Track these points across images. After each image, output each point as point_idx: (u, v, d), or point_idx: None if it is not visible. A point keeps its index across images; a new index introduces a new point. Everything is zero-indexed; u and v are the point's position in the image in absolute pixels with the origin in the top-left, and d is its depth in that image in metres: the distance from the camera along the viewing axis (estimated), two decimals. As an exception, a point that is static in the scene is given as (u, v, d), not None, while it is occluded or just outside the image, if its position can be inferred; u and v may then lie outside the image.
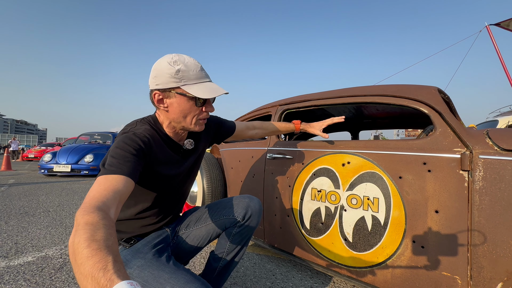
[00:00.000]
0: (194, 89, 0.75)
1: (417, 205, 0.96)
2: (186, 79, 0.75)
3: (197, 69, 0.77)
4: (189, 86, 0.75)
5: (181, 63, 0.74)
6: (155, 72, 0.75)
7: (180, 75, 0.74)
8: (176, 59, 0.75)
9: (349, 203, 1.13)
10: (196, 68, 0.77)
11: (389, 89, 1.16)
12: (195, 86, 0.76)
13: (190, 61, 0.76)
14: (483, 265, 0.83)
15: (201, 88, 0.76)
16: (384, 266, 1.03)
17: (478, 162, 0.86)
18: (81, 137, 7.76)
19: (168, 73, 0.73)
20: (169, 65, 0.73)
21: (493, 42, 5.24)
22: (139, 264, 0.74)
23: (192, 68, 0.76)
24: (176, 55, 0.76)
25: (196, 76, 0.76)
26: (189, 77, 0.75)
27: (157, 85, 0.75)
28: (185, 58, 0.76)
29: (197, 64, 0.78)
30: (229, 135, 1.15)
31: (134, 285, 0.35)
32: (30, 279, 1.31)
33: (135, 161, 0.67)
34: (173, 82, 0.74)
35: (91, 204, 0.51)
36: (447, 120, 0.97)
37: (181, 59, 0.75)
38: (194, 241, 0.97)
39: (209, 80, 0.80)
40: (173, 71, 0.73)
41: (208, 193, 1.81)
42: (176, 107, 0.77)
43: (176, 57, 0.75)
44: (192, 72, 0.76)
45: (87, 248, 0.40)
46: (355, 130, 2.58)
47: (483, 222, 0.83)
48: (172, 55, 0.76)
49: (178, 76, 0.74)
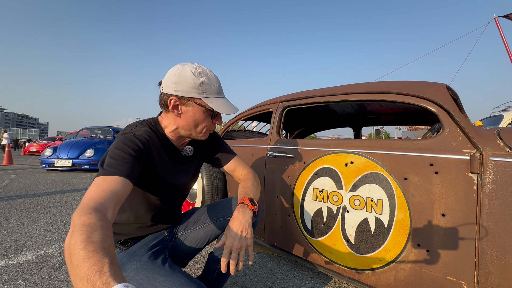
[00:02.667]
0: (214, 103, 0.78)
1: (423, 207, 0.93)
2: (208, 92, 0.77)
3: (217, 84, 0.81)
4: (210, 100, 0.78)
5: (205, 75, 0.77)
6: (177, 78, 0.75)
7: (203, 88, 0.76)
8: (200, 71, 0.77)
9: (352, 204, 1.10)
10: (217, 83, 0.80)
11: (395, 86, 1.11)
12: (215, 100, 0.79)
13: (212, 76, 0.80)
14: (491, 271, 0.80)
15: (220, 104, 0.79)
16: (387, 269, 1.01)
17: (489, 164, 0.82)
18: (82, 131, 7.75)
19: (192, 83, 0.75)
20: (194, 75, 0.75)
21: (501, 34, 5.10)
22: (134, 267, 0.73)
23: (214, 83, 0.79)
24: (199, 66, 0.78)
25: (216, 91, 0.80)
26: (211, 91, 0.78)
27: (176, 91, 0.76)
28: (207, 71, 0.79)
29: (217, 79, 0.82)
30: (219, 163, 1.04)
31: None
32: (29, 278, 1.30)
33: (134, 163, 0.68)
34: (195, 92, 0.76)
35: (88, 205, 0.51)
36: (456, 120, 0.93)
37: (204, 71, 0.78)
38: (192, 243, 0.96)
39: (224, 96, 0.84)
40: (198, 82, 0.75)
41: (208, 191, 1.78)
42: (190, 116, 0.79)
43: (200, 69, 0.77)
44: (213, 86, 0.79)
45: (84, 250, 0.40)
46: (358, 126, 2.53)
47: (492, 226, 0.80)
48: (195, 65, 0.78)
49: (201, 88, 0.76)
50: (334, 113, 2.33)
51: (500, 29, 5.16)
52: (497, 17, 5.25)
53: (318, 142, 1.30)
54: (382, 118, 2.30)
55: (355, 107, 2.10)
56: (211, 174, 1.81)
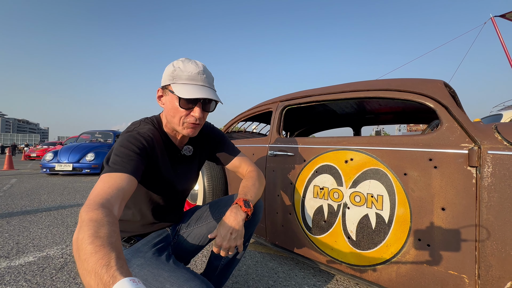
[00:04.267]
0: (178, 88, 0.73)
1: (422, 202, 0.94)
2: (178, 78, 0.74)
3: (194, 71, 0.74)
4: (176, 85, 0.74)
5: (182, 63, 0.75)
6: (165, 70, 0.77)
7: (174, 74, 0.74)
8: (181, 60, 0.76)
9: (353, 200, 1.11)
10: (193, 70, 0.74)
11: (393, 83, 1.13)
12: (182, 86, 0.73)
13: (192, 64, 0.75)
14: (492, 264, 0.80)
15: (186, 89, 0.72)
16: (389, 264, 1.01)
17: (487, 158, 0.83)
18: (82, 135, 7.76)
19: (168, 71, 0.75)
20: (172, 64, 0.75)
21: (498, 34, 5.14)
22: (138, 263, 0.74)
23: (189, 70, 0.73)
24: (186, 58, 0.77)
25: (188, 77, 0.73)
26: (180, 76, 0.73)
27: (162, 83, 0.78)
28: (189, 61, 0.76)
29: (198, 67, 0.75)
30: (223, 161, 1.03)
31: (136, 282, 0.35)
32: (31, 279, 1.30)
33: (139, 160, 0.69)
34: (168, 79, 0.75)
35: (95, 201, 0.52)
36: (453, 115, 0.94)
37: (186, 61, 0.76)
38: (195, 240, 0.97)
39: (203, 84, 0.75)
40: (172, 69, 0.74)
41: (209, 191, 1.79)
42: (168, 105, 0.78)
43: (183, 59, 0.76)
44: (186, 72, 0.73)
45: (91, 244, 0.41)
46: (357, 125, 2.55)
47: (491, 219, 0.81)
48: (188, 59, 0.77)
49: (173, 75, 0.74)
50: (333, 113, 2.34)
51: (496, 28, 5.20)
52: (493, 17, 5.29)
53: (318, 140, 1.31)
54: (382, 117, 2.31)
55: (355, 106, 2.11)
56: (212, 175, 1.82)
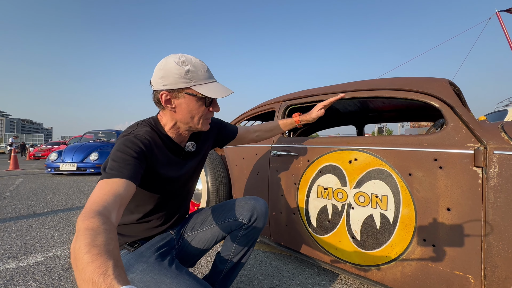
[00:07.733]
0: (204, 89, 0.76)
1: (427, 202, 0.93)
2: (196, 79, 0.75)
3: (205, 69, 0.77)
4: (199, 87, 0.75)
5: (189, 63, 0.74)
6: (162, 72, 0.74)
7: (189, 76, 0.74)
8: (183, 60, 0.74)
9: (357, 200, 1.11)
10: (204, 69, 0.77)
11: (397, 82, 1.12)
12: (205, 86, 0.76)
13: (197, 62, 0.76)
14: (498, 264, 0.80)
15: (210, 88, 0.76)
16: (393, 264, 1.01)
17: (493, 158, 0.82)
18: (86, 135, 7.81)
19: (177, 74, 0.73)
20: (178, 65, 0.73)
21: (503, 28, 5.06)
22: (141, 268, 0.74)
23: (200, 69, 0.76)
24: (182, 55, 0.76)
25: (204, 76, 0.77)
26: (198, 77, 0.75)
27: (164, 86, 0.74)
28: (191, 59, 0.76)
29: (203, 64, 0.78)
30: (231, 139, 1.13)
31: None
32: (39, 279, 1.32)
33: (136, 164, 0.68)
34: (183, 82, 0.74)
35: (91, 209, 0.51)
36: (459, 114, 0.93)
37: (188, 59, 0.75)
38: (199, 244, 0.96)
39: (215, 80, 0.81)
40: (182, 71, 0.73)
41: (213, 191, 1.80)
42: (184, 108, 0.77)
43: (183, 58, 0.75)
44: (200, 72, 0.76)
45: (88, 253, 0.40)
46: (361, 123, 2.53)
47: (498, 220, 0.80)
48: (178, 55, 0.76)
49: (187, 77, 0.74)
50: (336, 111, 2.33)
51: (502, 23, 5.12)
52: (498, 12, 5.21)
53: (321, 139, 1.31)
54: (385, 115, 2.29)
55: (358, 105, 2.10)
56: (216, 174, 1.83)
